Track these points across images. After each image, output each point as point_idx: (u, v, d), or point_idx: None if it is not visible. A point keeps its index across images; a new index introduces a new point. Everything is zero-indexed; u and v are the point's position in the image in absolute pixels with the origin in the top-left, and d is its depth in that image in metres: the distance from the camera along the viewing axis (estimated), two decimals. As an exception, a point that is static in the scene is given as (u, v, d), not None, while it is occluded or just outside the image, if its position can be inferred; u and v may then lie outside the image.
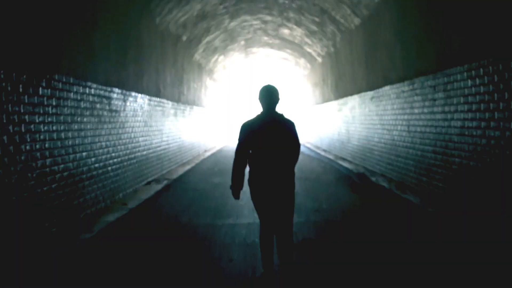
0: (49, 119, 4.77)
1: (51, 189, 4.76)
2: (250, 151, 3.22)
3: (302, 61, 19.15)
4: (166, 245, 4.39)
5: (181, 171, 10.89)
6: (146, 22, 8.78)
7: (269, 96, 3.13)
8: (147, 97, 8.90)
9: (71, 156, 5.31)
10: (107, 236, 4.81)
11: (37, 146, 4.50)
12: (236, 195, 3.29)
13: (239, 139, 3.17)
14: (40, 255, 4.12)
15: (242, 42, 17.06)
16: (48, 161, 4.72)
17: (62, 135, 5.09)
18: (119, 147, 7.08)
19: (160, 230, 5.01)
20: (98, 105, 6.19)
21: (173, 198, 7.06)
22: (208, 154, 16.02)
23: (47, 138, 4.72)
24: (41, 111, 4.60)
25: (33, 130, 4.43)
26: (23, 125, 4.24)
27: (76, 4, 5.45)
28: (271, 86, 3.17)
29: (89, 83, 5.88)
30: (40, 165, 4.55)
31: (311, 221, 5.31)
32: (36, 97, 4.49)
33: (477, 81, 5.15)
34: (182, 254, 4.11)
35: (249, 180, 3.23)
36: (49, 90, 4.76)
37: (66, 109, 5.19)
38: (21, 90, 4.20)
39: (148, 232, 4.95)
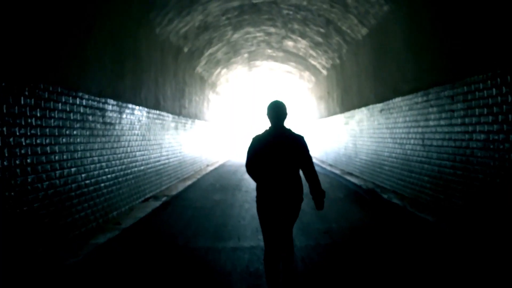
0: (32, 132, 4.34)
1: (33, 208, 4.30)
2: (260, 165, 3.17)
3: (306, 74, 18.80)
4: (158, 273, 3.89)
5: (181, 187, 10.41)
6: (145, 32, 8.43)
7: (277, 111, 3.14)
8: (146, 109, 8.49)
9: (58, 172, 4.86)
10: (93, 261, 4.31)
11: (17, 162, 4.06)
12: None
13: (248, 153, 3.17)
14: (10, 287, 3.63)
15: (246, 55, 16.75)
16: (30, 177, 4.27)
17: (48, 149, 4.64)
18: (113, 162, 6.63)
19: (153, 254, 4.51)
20: (90, 117, 5.77)
21: (171, 217, 6.56)
22: (210, 169, 15.55)
23: (29, 153, 4.28)
24: (23, 123, 4.17)
25: (12, 143, 3.99)
26: (0, 138, 3.80)
27: (69, 10, 5.08)
28: (279, 101, 3.18)
29: (80, 94, 5.47)
30: (20, 182, 4.10)
31: (321, 244, 4.80)
32: (16, 108, 4.07)
33: (504, 89, 4.68)
34: (176, 284, 3.60)
35: (257, 194, 3.16)
36: (32, 100, 4.34)
37: (52, 121, 4.76)
38: (-2, 99, 3.78)
39: (140, 256, 4.45)
